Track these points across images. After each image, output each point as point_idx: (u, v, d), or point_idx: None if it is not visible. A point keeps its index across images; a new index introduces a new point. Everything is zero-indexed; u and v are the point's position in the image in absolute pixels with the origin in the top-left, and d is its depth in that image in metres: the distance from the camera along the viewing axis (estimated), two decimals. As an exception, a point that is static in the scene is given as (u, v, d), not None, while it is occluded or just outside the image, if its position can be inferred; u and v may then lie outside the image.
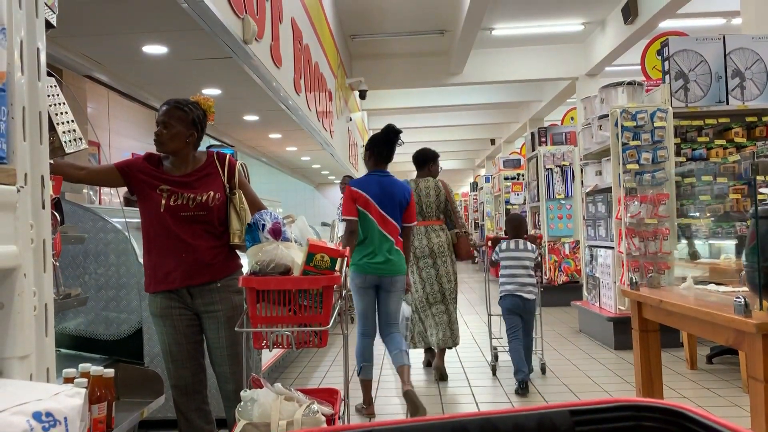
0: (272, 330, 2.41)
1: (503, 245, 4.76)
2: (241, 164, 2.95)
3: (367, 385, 4.08)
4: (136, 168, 2.77)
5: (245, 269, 2.57)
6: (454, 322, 4.92)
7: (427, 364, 5.29)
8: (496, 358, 5.18)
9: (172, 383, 2.82)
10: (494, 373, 5.00)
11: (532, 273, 4.66)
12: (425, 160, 5.06)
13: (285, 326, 2.42)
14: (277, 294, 2.38)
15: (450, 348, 5.03)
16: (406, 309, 4.66)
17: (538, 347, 5.04)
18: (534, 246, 4.77)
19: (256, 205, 2.84)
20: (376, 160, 4.09)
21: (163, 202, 2.70)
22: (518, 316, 4.61)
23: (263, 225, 2.49)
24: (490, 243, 4.94)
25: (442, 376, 4.95)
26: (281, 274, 2.39)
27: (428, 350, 5.25)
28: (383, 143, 4.07)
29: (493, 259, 4.81)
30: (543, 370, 5.02)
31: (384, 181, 4.03)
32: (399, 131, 4.09)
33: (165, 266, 2.73)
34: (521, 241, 4.73)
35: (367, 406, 4.10)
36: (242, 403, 2.32)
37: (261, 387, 2.40)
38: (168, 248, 2.72)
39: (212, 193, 2.74)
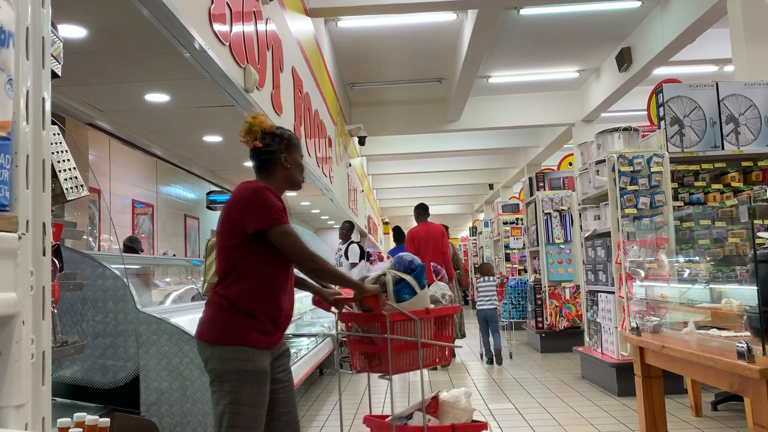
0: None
1: (478, 281, 8.41)
2: None
3: None
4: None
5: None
6: (462, 324, 8.15)
7: None
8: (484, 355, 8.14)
9: None
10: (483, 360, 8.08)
11: (495, 295, 8.09)
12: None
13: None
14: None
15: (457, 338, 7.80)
16: None
17: (505, 342, 8.54)
18: (496, 278, 8.95)
19: None
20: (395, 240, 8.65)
21: None
22: (485, 321, 7.93)
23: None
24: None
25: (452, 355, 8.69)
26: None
27: None
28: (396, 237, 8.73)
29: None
30: (510, 356, 8.30)
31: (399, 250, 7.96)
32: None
33: (285, 315, 2.49)
34: (488, 277, 8.21)
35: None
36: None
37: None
38: (288, 294, 2.51)
39: None
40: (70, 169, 2.32)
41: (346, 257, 8.05)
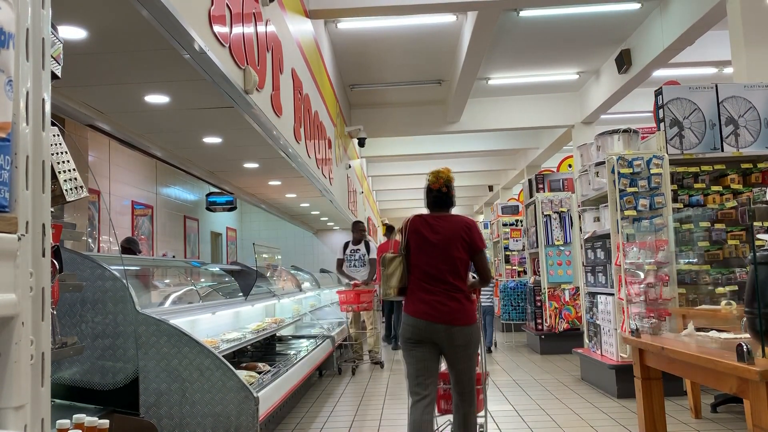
0: None
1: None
2: None
3: None
4: None
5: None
6: None
7: None
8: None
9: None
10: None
11: (491, 293, 9.20)
12: None
13: None
14: None
15: None
16: None
17: (495, 336, 9.66)
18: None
19: None
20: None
21: None
22: (483, 316, 8.39)
23: None
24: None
25: None
26: None
27: None
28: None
29: None
30: (495, 344, 9.62)
31: None
32: None
33: None
34: None
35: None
36: None
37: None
38: None
39: None
40: (69, 170, 2.32)
41: (368, 253, 8.33)
